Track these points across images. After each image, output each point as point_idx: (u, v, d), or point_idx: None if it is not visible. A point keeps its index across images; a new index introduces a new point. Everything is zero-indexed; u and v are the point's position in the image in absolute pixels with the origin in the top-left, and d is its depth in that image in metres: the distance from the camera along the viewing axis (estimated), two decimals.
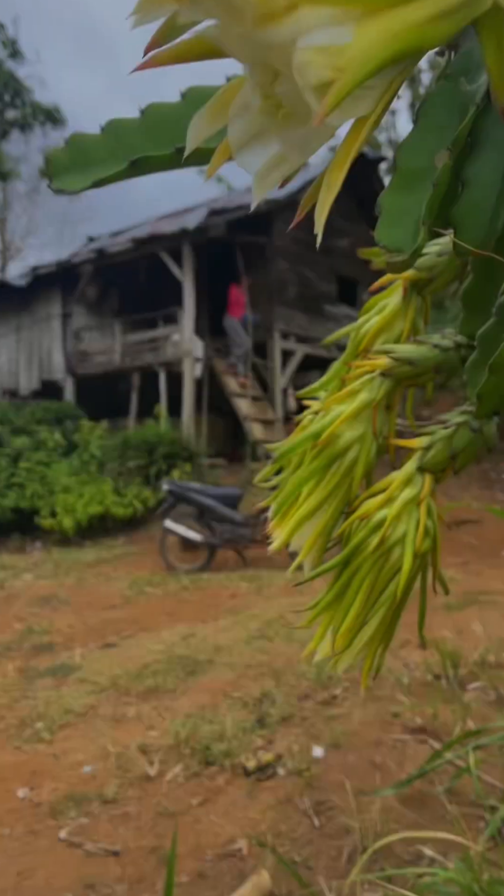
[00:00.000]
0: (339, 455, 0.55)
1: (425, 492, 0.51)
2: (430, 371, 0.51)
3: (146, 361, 12.02)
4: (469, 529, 8.20)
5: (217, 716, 2.98)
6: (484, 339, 0.45)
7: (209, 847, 1.99)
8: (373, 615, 0.53)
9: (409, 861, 1.76)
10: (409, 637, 3.86)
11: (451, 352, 0.51)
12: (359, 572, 0.53)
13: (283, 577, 5.99)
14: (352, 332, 0.59)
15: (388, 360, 0.52)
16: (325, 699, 3.07)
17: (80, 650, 4.19)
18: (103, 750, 2.72)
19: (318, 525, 0.56)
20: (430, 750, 2.52)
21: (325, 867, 1.82)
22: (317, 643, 0.55)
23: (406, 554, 0.51)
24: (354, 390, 0.55)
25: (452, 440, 0.49)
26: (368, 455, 0.55)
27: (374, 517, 0.52)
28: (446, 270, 0.52)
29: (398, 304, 0.56)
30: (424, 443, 0.51)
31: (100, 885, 1.78)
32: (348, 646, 0.54)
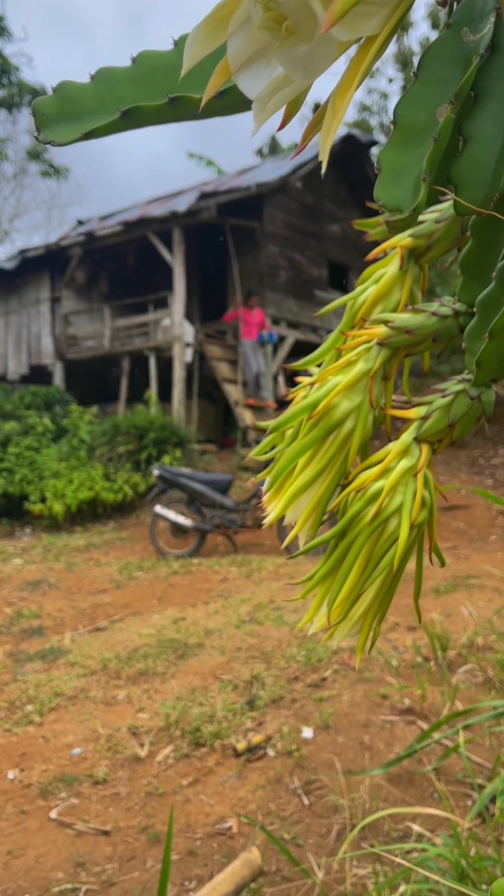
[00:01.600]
0: (335, 426, 0.54)
1: (422, 462, 0.51)
2: (429, 340, 0.50)
3: (136, 346, 11.93)
4: (458, 514, 8.25)
5: (207, 698, 2.99)
6: (484, 304, 0.44)
7: (199, 826, 2.00)
8: (368, 586, 0.53)
9: (397, 838, 1.78)
10: (398, 620, 3.89)
11: (450, 320, 0.50)
12: (354, 544, 0.52)
13: (273, 562, 6.01)
14: (348, 302, 0.58)
15: (386, 329, 0.52)
16: (314, 681, 3.09)
17: (69, 634, 4.18)
18: (93, 732, 2.73)
19: (314, 498, 0.55)
20: (419, 731, 2.55)
21: (315, 844, 1.83)
22: (312, 615, 0.54)
23: (402, 524, 0.51)
24: (351, 360, 0.54)
25: (451, 408, 0.48)
26: (365, 426, 0.54)
27: (370, 488, 0.52)
28: (445, 237, 0.51)
29: (395, 272, 0.55)
30: (422, 412, 0.51)
31: (90, 864, 1.79)
32: (343, 617, 0.54)
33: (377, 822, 1.87)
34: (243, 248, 12.14)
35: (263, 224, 12.04)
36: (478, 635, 3.37)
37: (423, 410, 0.51)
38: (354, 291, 0.58)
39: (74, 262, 13.00)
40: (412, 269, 0.55)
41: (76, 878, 1.72)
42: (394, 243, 0.55)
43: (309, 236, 12.99)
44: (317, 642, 3.54)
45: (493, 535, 7.51)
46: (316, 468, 0.54)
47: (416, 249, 0.54)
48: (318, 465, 0.54)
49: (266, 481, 0.56)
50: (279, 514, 0.55)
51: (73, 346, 13.04)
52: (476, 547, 6.70)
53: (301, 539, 0.56)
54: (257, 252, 12.13)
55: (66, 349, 13.02)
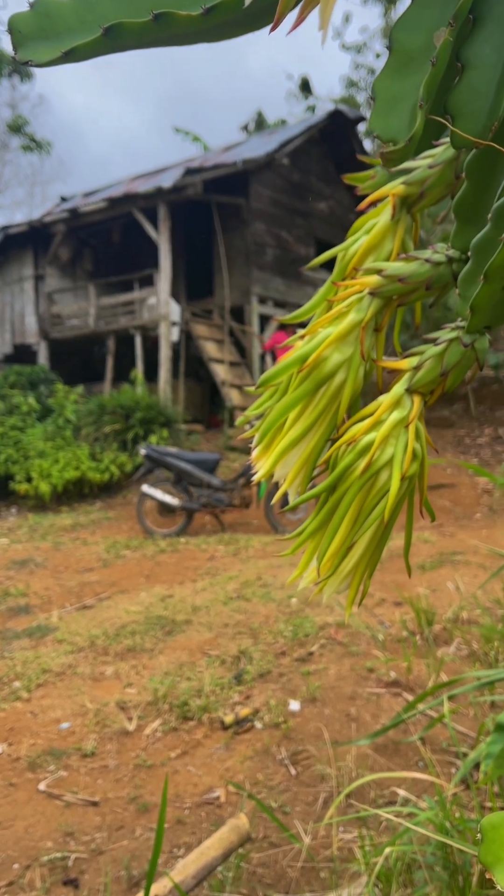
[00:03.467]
0: (325, 379, 0.53)
1: (414, 414, 0.50)
2: (422, 288, 0.49)
3: (121, 325, 11.81)
4: (444, 493, 8.32)
5: (195, 673, 3.01)
6: (479, 247, 0.43)
7: (188, 796, 2.02)
8: (359, 539, 0.52)
9: (383, 805, 1.81)
10: (384, 596, 3.92)
11: (443, 266, 0.48)
12: (345, 497, 0.52)
13: (260, 541, 6.03)
14: (339, 254, 0.57)
15: (378, 278, 0.50)
16: (301, 656, 3.11)
17: (57, 612, 4.18)
18: (81, 707, 2.73)
19: (303, 453, 0.55)
20: (405, 702, 2.58)
21: (302, 812, 1.86)
22: (302, 570, 0.54)
23: (394, 477, 0.50)
24: (342, 312, 0.53)
25: (443, 357, 0.48)
26: (356, 378, 0.53)
27: (361, 441, 0.51)
28: (438, 184, 0.50)
29: (387, 222, 0.54)
30: (414, 363, 0.50)
31: (79, 833, 1.80)
32: (333, 572, 0.53)
33: (363, 789, 1.90)
34: (229, 226, 12.01)
35: (250, 201, 11.90)
36: (463, 610, 3.41)
37: (415, 360, 0.50)
38: (345, 242, 0.57)
39: (58, 240, 12.80)
40: (404, 218, 0.54)
41: (65, 847, 1.73)
42: (385, 192, 0.54)
43: (296, 214, 12.87)
44: (304, 618, 3.56)
45: (478, 514, 7.58)
46: (306, 423, 0.53)
47: (408, 198, 0.53)
48: (308, 419, 0.53)
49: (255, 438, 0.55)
50: (268, 470, 0.54)
51: (58, 325, 12.88)
52: (461, 525, 6.77)
53: (290, 495, 0.55)
54: (244, 230, 12.01)
55: (50, 328, 12.86)
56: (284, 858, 1.64)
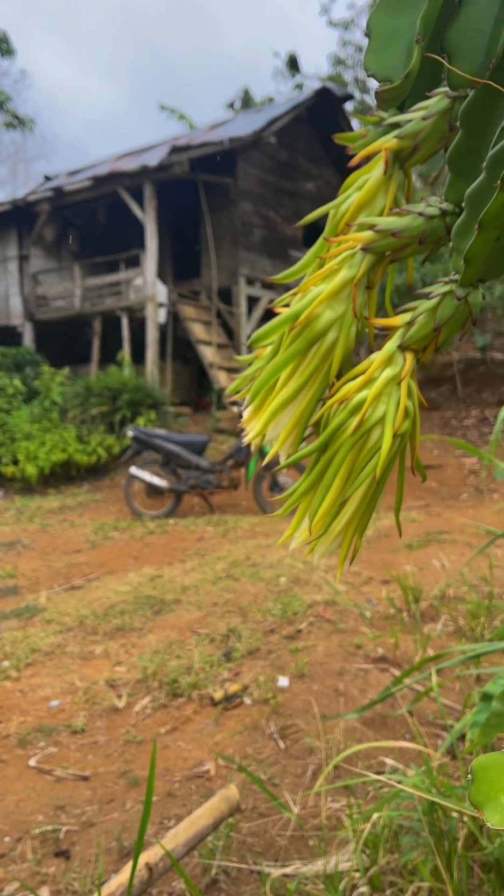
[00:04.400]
0: (317, 337, 0.53)
1: (406, 371, 0.50)
2: (415, 242, 0.49)
3: (107, 306, 11.70)
4: (431, 474, 8.37)
5: (184, 651, 3.03)
6: (473, 197, 0.42)
7: (178, 770, 2.04)
8: (350, 498, 0.52)
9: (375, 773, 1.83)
10: (372, 574, 3.96)
11: (437, 220, 0.48)
12: (336, 456, 0.51)
13: (248, 521, 6.05)
14: (330, 211, 0.56)
15: (370, 233, 0.50)
16: (290, 633, 3.14)
17: (45, 592, 4.18)
18: (71, 685, 2.74)
19: (295, 413, 0.54)
20: (392, 678, 2.62)
21: (291, 784, 1.89)
22: (293, 530, 0.53)
23: (386, 434, 0.50)
24: (333, 269, 0.52)
25: (436, 311, 0.47)
26: (348, 337, 0.52)
27: (353, 399, 0.51)
28: (431, 136, 0.49)
29: (379, 177, 0.53)
30: (406, 319, 0.49)
31: (70, 807, 1.82)
32: (324, 532, 0.53)
33: (351, 761, 1.93)
34: (216, 206, 11.88)
35: (237, 180, 11.78)
36: (449, 587, 3.45)
37: (407, 317, 0.49)
38: (337, 200, 0.56)
39: (43, 219, 12.61)
40: (397, 173, 0.53)
41: (56, 820, 1.75)
42: (378, 146, 0.53)
43: (283, 194, 12.75)
44: (293, 596, 3.59)
45: (465, 494, 7.65)
46: (297, 382, 0.53)
47: (401, 152, 0.52)
48: (300, 379, 0.53)
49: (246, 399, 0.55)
50: (259, 432, 0.54)
51: (43, 307, 12.73)
52: (448, 505, 6.82)
53: (282, 457, 0.55)
54: (231, 210, 11.89)
55: (35, 309, 12.72)
56: (274, 828, 1.67)
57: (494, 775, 0.34)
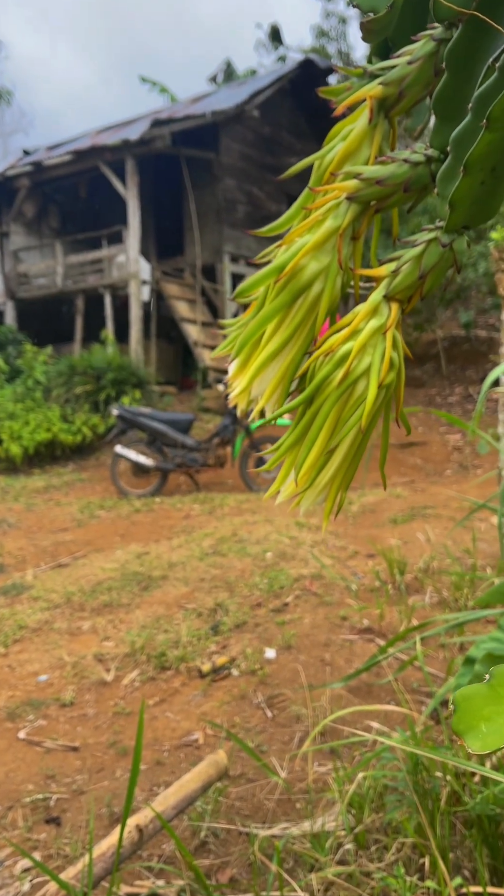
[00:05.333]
0: (302, 289, 0.52)
1: (391, 321, 0.50)
2: (400, 190, 0.48)
3: (90, 284, 11.54)
4: (415, 451, 8.44)
5: (172, 626, 3.05)
6: (458, 140, 0.42)
7: (166, 740, 2.07)
8: (336, 451, 0.52)
9: (357, 742, 1.87)
10: (358, 549, 4.00)
11: (422, 167, 0.48)
12: (322, 409, 0.51)
13: (235, 499, 6.07)
14: (315, 162, 0.55)
15: (355, 181, 0.49)
16: (276, 606, 3.17)
17: (31, 570, 4.18)
18: (59, 660, 2.76)
19: (281, 368, 0.54)
20: (377, 648, 2.66)
21: (278, 750, 1.92)
22: (279, 485, 0.54)
23: (371, 385, 0.50)
24: (318, 219, 0.52)
25: (422, 259, 0.47)
26: (334, 288, 0.52)
27: (338, 351, 0.51)
28: (417, 82, 0.49)
29: (364, 127, 0.52)
30: (392, 268, 0.49)
31: (60, 776, 1.84)
32: (310, 485, 0.53)
33: (338, 727, 1.96)
34: (200, 182, 11.72)
35: (220, 155, 11.61)
36: (434, 560, 3.50)
37: (392, 266, 0.49)
38: (321, 151, 0.55)
39: (22, 195, 12.36)
40: (382, 122, 0.52)
41: (47, 789, 1.77)
42: (362, 94, 0.52)
43: (267, 169, 12.60)
44: (279, 570, 3.62)
45: (449, 470, 7.72)
46: (283, 336, 0.53)
47: (386, 100, 0.51)
48: (286, 332, 0.53)
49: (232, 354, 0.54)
50: (245, 387, 0.54)
51: (25, 285, 12.54)
52: (432, 481, 6.88)
53: (268, 412, 0.55)
54: (214, 185, 11.74)
55: (16, 287, 12.52)
56: (262, 792, 1.70)
57: (476, 705, 0.35)
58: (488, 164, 0.41)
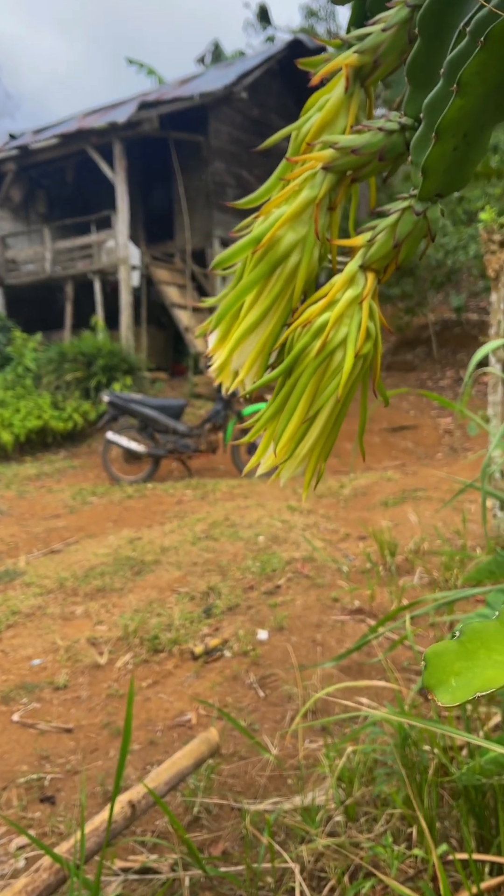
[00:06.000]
0: (280, 261, 0.53)
1: (367, 290, 0.50)
2: (375, 159, 0.48)
3: (79, 270, 11.44)
4: (407, 434, 8.46)
5: (165, 609, 3.06)
6: (431, 106, 0.42)
7: (159, 720, 2.09)
8: (315, 422, 0.53)
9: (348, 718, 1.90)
10: (349, 531, 4.02)
11: (396, 135, 0.48)
12: (300, 380, 0.52)
13: (227, 484, 6.08)
14: (292, 132, 0.55)
15: (331, 151, 0.49)
16: (269, 589, 3.19)
17: (24, 557, 4.18)
18: (52, 644, 2.77)
19: (260, 338, 0.54)
20: (368, 628, 2.68)
21: (270, 729, 1.94)
22: (259, 457, 0.54)
23: (347, 355, 0.50)
24: (295, 189, 0.52)
25: (396, 227, 0.47)
26: (311, 260, 0.52)
27: (315, 322, 0.51)
28: (392, 49, 0.49)
29: (340, 96, 0.52)
30: (367, 237, 0.50)
31: (54, 757, 1.86)
32: (290, 456, 0.54)
33: (329, 705, 1.99)
34: (189, 165, 11.60)
35: (209, 138, 11.48)
36: (424, 541, 3.52)
37: (368, 235, 0.50)
38: (298, 121, 0.55)
39: (9, 179, 12.21)
40: (358, 92, 0.52)
41: (41, 770, 1.79)
42: (338, 63, 0.52)
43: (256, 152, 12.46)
44: (271, 554, 3.64)
45: (440, 453, 7.75)
46: (262, 307, 0.53)
47: (362, 68, 0.51)
48: (264, 304, 0.53)
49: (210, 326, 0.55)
50: (225, 360, 0.54)
51: (13, 271, 12.42)
52: (423, 464, 6.91)
53: (247, 384, 0.55)
54: (203, 169, 11.62)
55: (5, 274, 12.40)
56: (254, 769, 1.72)
57: (446, 660, 0.35)
58: (460, 130, 0.41)
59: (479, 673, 0.35)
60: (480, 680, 0.35)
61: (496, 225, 3.35)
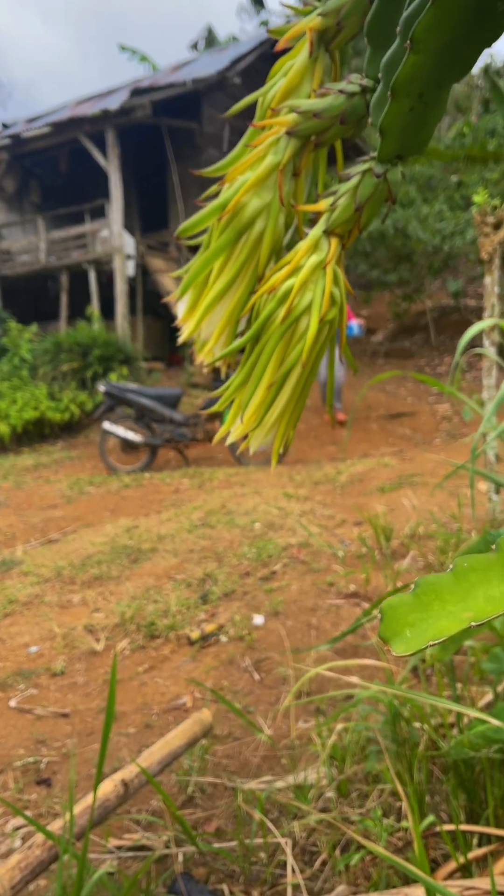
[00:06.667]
0: (245, 227, 0.52)
1: (331, 255, 0.50)
2: (337, 123, 0.48)
3: (74, 260, 11.39)
4: (404, 421, 8.46)
5: (161, 596, 3.08)
6: (387, 65, 0.42)
7: (155, 704, 2.11)
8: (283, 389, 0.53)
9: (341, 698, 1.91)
10: (345, 517, 4.03)
11: (357, 97, 0.48)
12: (266, 347, 0.52)
13: (224, 472, 6.08)
14: (259, 98, 0.55)
15: (294, 115, 0.49)
16: (265, 575, 3.20)
17: (21, 546, 4.19)
18: (49, 632, 2.79)
19: (229, 306, 0.54)
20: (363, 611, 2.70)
21: (265, 711, 1.96)
22: (229, 426, 0.54)
23: (312, 320, 0.50)
24: (259, 155, 0.52)
25: (357, 190, 0.47)
26: (276, 226, 0.52)
27: (280, 288, 0.51)
28: (354, 11, 0.49)
29: (304, 61, 0.52)
30: (331, 202, 0.50)
31: (51, 741, 1.87)
32: (259, 424, 0.54)
33: (323, 686, 2.00)
34: (183, 153, 11.52)
35: (202, 126, 11.40)
36: (419, 525, 3.53)
37: (331, 200, 0.49)
38: (264, 87, 0.55)
39: (2, 169, 12.13)
40: (322, 56, 0.52)
41: (37, 753, 1.80)
42: (302, 27, 0.52)
43: None
44: (267, 540, 3.65)
45: (437, 440, 7.76)
46: (229, 275, 0.53)
47: (325, 32, 0.51)
48: (231, 271, 0.53)
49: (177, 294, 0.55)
50: (194, 328, 0.54)
51: (8, 262, 12.36)
52: (421, 451, 6.91)
53: (217, 351, 0.55)
54: (197, 156, 11.54)
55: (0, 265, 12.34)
56: (248, 750, 1.74)
57: (401, 613, 0.36)
58: (415, 89, 0.41)
59: (433, 624, 0.35)
60: (434, 630, 0.35)
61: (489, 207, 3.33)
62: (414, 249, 11.50)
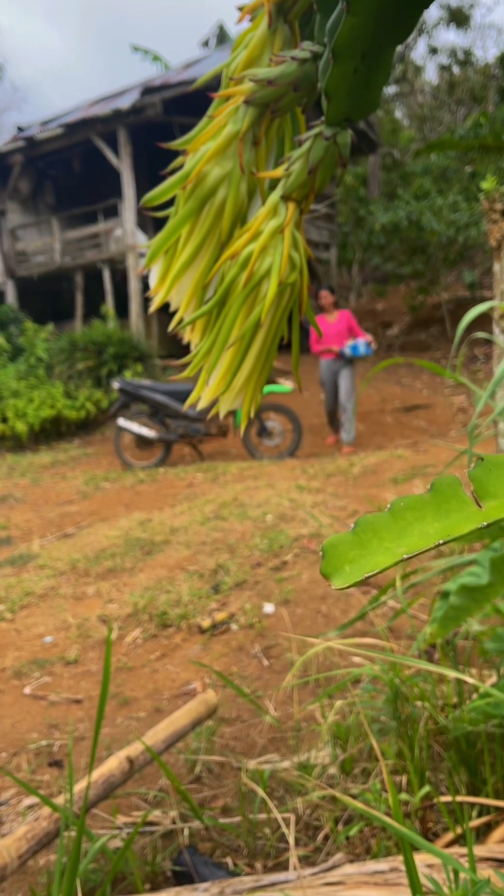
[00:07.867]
0: (208, 195, 0.54)
1: (288, 219, 0.52)
2: (290, 90, 0.50)
3: (88, 259, 11.48)
4: (420, 413, 8.42)
5: (174, 587, 3.11)
6: (331, 29, 0.43)
7: (166, 690, 2.14)
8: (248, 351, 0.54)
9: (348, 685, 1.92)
10: (357, 508, 4.03)
11: (309, 64, 0.49)
12: (230, 311, 0.54)
13: (238, 466, 6.11)
14: (223, 70, 0.57)
15: (250, 84, 0.51)
16: (276, 565, 3.22)
17: (38, 541, 4.26)
18: (64, 622, 2.83)
19: (196, 275, 0.56)
20: None
21: (272, 695, 1.98)
22: (198, 392, 0.56)
23: (272, 283, 0.52)
24: (220, 125, 0.53)
25: (309, 154, 0.49)
26: (238, 193, 0.54)
27: (242, 254, 0.53)
28: None
29: (264, 33, 0.54)
30: (286, 167, 0.51)
31: (63, 725, 1.91)
32: (227, 388, 0.56)
33: (329, 669, 2.01)
34: None
35: None
36: None
37: (286, 166, 0.51)
38: (227, 59, 0.57)
39: (17, 171, 12.24)
40: (282, 27, 0.54)
41: (50, 737, 1.84)
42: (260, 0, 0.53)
43: None
44: (279, 531, 3.66)
45: (453, 431, 7.71)
46: (195, 244, 0.55)
47: (283, 3, 0.52)
48: (197, 240, 0.55)
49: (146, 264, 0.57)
50: (164, 298, 0.56)
51: (24, 263, 12.49)
52: (436, 443, 6.88)
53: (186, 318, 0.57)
54: None
55: (16, 266, 12.47)
56: (255, 732, 1.76)
57: (341, 550, 0.38)
58: (357, 51, 0.42)
59: (371, 559, 0.37)
60: (370, 564, 0.37)
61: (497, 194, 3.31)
62: (428, 241, 11.41)
